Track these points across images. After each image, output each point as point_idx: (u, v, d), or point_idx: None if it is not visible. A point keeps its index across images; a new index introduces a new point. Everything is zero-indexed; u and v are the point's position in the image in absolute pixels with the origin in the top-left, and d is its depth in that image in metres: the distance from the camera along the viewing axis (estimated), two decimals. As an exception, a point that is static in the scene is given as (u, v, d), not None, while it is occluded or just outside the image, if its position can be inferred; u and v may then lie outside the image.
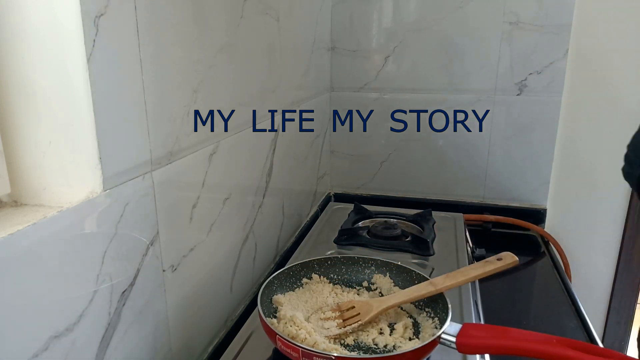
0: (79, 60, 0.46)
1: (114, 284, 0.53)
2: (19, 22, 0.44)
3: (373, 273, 0.83)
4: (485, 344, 0.62)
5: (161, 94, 0.59)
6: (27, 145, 0.48)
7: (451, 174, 1.37)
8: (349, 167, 1.45)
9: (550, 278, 1.07)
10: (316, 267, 0.83)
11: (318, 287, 0.80)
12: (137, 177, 0.56)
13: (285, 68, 1.00)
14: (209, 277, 0.75)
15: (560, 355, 0.55)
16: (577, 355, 0.54)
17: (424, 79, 1.32)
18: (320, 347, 0.64)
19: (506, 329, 0.62)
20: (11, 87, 0.46)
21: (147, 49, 0.55)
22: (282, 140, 1.01)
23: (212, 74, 0.70)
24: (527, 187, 1.33)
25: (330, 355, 0.60)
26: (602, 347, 0.57)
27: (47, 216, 0.44)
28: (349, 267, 0.84)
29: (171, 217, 0.63)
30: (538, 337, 0.59)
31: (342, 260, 0.84)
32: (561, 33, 1.20)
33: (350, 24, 1.33)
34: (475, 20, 1.24)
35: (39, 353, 0.43)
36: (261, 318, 0.66)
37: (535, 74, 1.24)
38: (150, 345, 0.61)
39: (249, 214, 0.88)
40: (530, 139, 1.29)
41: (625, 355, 0.55)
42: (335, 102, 1.40)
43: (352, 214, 1.18)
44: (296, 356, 0.61)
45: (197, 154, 0.69)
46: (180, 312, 0.68)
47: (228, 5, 0.74)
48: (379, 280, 0.82)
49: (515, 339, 0.59)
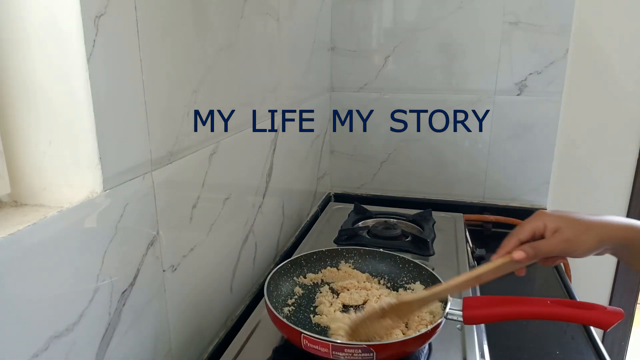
0: (79, 60, 0.46)
1: (114, 283, 0.53)
2: (19, 22, 0.44)
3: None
4: (488, 313, 0.66)
5: (161, 94, 0.59)
6: (27, 145, 0.48)
7: (451, 174, 1.37)
8: (349, 167, 1.45)
9: (550, 278, 1.07)
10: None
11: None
12: (137, 177, 0.56)
13: (285, 68, 1.00)
14: (209, 277, 0.75)
15: (557, 313, 0.62)
16: (570, 312, 0.62)
17: (424, 79, 1.32)
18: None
19: (504, 298, 0.66)
20: (11, 87, 0.46)
21: (147, 49, 0.55)
22: (282, 140, 1.01)
23: (212, 74, 0.70)
24: (527, 187, 1.33)
25: (360, 344, 0.61)
26: (591, 303, 0.63)
27: (47, 216, 0.44)
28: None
29: (171, 217, 0.63)
30: (534, 300, 0.65)
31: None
32: (561, 33, 1.20)
33: (350, 24, 1.33)
34: (475, 20, 1.24)
35: (39, 353, 0.43)
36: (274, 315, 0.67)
37: (535, 74, 1.24)
38: (150, 345, 0.61)
39: (249, 214, 0.88)
40: (530, 139, 1.29)
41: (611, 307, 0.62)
42: (335, 102, 1.40)
43: (352, 214, 1.18)
44: (325, 351, 0.62)
45: (197, 154, 0.69)
46: (180, 312, 0.68)
47: (228, 5, 0.74)
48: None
49: (514, 305, 0.65)
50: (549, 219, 0.62)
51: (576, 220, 0.61)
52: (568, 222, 0.61)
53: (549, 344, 0.82)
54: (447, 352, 0.70)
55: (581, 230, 0.60)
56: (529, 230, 0.63)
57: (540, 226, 0.62)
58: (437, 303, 0.72)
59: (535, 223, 0.63)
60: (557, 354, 0.80)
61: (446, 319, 0.66)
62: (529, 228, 0.63)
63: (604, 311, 0.62)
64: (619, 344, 1.38)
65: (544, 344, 0.82)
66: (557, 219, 0.62)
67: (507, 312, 0.65)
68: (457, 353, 0.70)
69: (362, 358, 0.61)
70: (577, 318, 0.64)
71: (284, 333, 0.68)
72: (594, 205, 1.31)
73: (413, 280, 0.81)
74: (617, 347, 1.38)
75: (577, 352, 0.81)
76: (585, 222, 0.61)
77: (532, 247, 0.61)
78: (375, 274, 0.84)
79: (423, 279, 0.80)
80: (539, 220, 0.63)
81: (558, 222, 0.61)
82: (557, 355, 0.79)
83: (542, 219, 0.63)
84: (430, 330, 0.63)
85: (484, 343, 0.74)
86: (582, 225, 0.61)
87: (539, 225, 0.62)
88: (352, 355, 0.61)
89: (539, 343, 0.82)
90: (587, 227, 0.61)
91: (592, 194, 1.30)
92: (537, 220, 0.63)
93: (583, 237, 0.60)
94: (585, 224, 0.61)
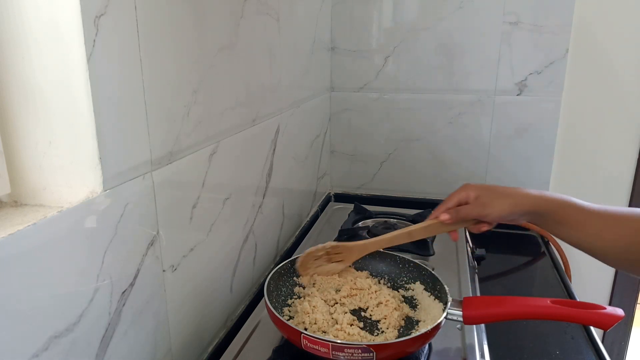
0: (79, 60, 0.46)
1: (114, 284, 0.53)
2: (19, 22, 0.44)
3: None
4: (488, 313, 0.67)
5: (161, 94, 0.59)
6: (27, 145, 0.48)
7: (451, 174, 1.37)
8: (349, 167, 1.45)
9: (550, 278, 1.07)
10: None
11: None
12: (137, 177, 0.56)
13: (285, 68, 1.00)
14: (209, 277, 0.75)
15: (557, 313, 0.64)
16: (570, 312, 0.64)
17: (424, 79, 1.32)
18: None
19: (504, 298, 0.68)
20: (11, 87, 0.46)
21: (147, 49, 0.55)
22: (282, 140, 1.01)
23: (212, 74, 0.70)
24: (527, 187, 1.31)
25: (360, 344, 0.61)
26: (591, 303, 0.65)
27: (47, 216, 0.44)
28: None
29: (171, 217, 0.63)
30: (534, 300, 0.66)
31: None
32: (561, 33, 1.20)
33: (350, 24, 1.33)
34: (475, 20, 1.24)
35: (39, 353, 0.43)
36: (275, 317, 0.67)
37: (535, 74, 1.24)
38: (150, 346, 0.61)
39: (249, 214, 0.88)
40: (530, 138, 1.29)
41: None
42: (335, 102, 1.40)
43: (352, 214, 1.18)
44: (325, 351, 0.62)
45: (197, 154, 0.69)
46: (180, 312, 0.68)
47: (228, 5, 0.74)
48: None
49: (514, 305, 0.66)
50: (472, 189, 0.73)
51: (494, 189, 0.72)
52: (486, 191, 0.72)
53: (549, 344, 0.82)
54: (447, 352, 0.70)
55: (495, 196, 0.71)
56: (455, 198, 0.74)
57: (464, 195, 0.73)
58: (438, 304, 0.72)
59: (461, 192, 0.74)
60: (557, 354, 0.80)
61: (446, 319, 0.66)
62: (455, 197, 0.74)
63: (604, 311, 0.63)
64: (619, 344, 1.38)
65: (544, 344, 0.82)
66: (478, 189, 0.72)
67: (507, 312, 0.66)
68: (457, 353, 0.70)
69: (362, 358, 0.61)
70: (577, 318, 0.64)
71: (284, 333, 0.68)
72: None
73: (413, 280, 0.81)
74: (617, 347, 1.38)
75: (577, 352, 0.81)
76: (501, 191, 0.72)
77: (456, 210, 0.73)
78: (375, 274, 0.84)
79: (423, 279, 0.80)
80: (464, 190, 0.74)
81: (478, 191, 0.72)
82: (557, 355, 0.79)
83: (466, 189, 0.73)
84: (430, 330, 0.63)
85: (484, 343, 0.74)
86: (498, 193, 0.71)
87: (463, 195, 0.73)
88: (352, 355, 0.61)
89: (539, 343, 0.82)
90: (501, 194, 0.71)
91: (592, 193, 1.30)
92: (462, 191, 0.74)
93: (496, 202, 0.70)
94: (501, 192, 0.71)
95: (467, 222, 0.75)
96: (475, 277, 0.97)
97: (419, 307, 0.76)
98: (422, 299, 0.77)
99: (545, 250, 1.22)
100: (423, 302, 0.76)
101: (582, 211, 0.68)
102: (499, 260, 1.13)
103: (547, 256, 1.19)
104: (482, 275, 1.02)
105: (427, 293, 0.77)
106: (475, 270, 1.00)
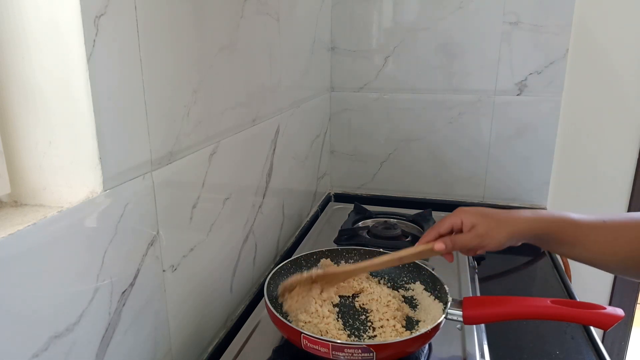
0: (79, 61, 0.46)
1: (114, 284, 0.53)
2: (19, 22, 0.44)
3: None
4: (488, 313, 0.67)
5: (161, 94, 0.59)
6: (27, 145, 0.48)
7: (451, 174, 1.37)
8: (349, 167, 1.45)
9: (550, 278, 1.07)
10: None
11: None
12: (137, 177, 0.56)
13: (285, 68, 1.00)
14: (209, 277, 0.75)
15: (557, 313, 0.64)
16: (570, 312, 0.64)
17: (424, 79, 1.32)
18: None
19: (504, 298, 0.68)
20: (11, 87, 0.46)
21: (147, 49, 0.55)
22: (282, 140, 1.01)
23: (212, 74, 0.70)
24: (527, 187, 1.33)
25: (361, 344, 0.61)
26: (591, 303, 0.65)
27: (47, 216, 0.44)
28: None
29: (171, 217, 0.63)
30: (534, 300, 0.66)
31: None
32: (561, 33, 1.20)
33: (350, 24, 1.33)
34: (475, 20, 1.24)
35: (39, 353, 0.43)
36: (275, 317, 0.67)
37: (535, 74, 1.24)
38: (150, 346, 0.61)
39: (249, 214, 0.88)
40: (530, 138, 1.29)
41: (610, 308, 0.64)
42: (335, 102, 1.40)
43: (352, 214, 1.18)
44: (325, 351, 0.62)
45: (197, 154, 0.69)
46: (180, 312, 0.68)
47: (228, 5, 0.74)
48: None
49: (514, 305, 0.66)
50: (466, 216, 0.69)
51: (489, 217, 0.69)
52: (482, 219, 0.68)
53: (549, 344, 0.82)
54: (447, 352, 0.70)
55: (492, 226, 0.67)
56: (448, 224, 0.70)
57: (458, 222, 0.69)
58: (438, 304, 0.72)
59: (454, 219, 0.70)
60: (557, 354, 0.80)
61: (446, 319, 0.67)
62: (448, 223, 0.70)
63: (604, 311, 0.63)
64: (619, 344, 1.38)
65: (544, 344, 0.82)
66: (473, 216, 0.69)
67: (507, 312, 0.66)
68: (457, 353, 0.70)
69: (362, 358, 0.61)
70: (577, 318, 0.64)
71: (284, 333, 0.68)
72: (593, 206, 1.31)
73: (413, 280, 0.81)
74: (617, 347, 1.38)
75: (577, 352, 0.81)
76: (497, 218, 0.68)
77: (451, 240, 0.69)
78: (375, 274, 0.84)
79: (423, 279, 0.80)
80: (458, 216, 0.70)
81: (473, 219, 0.68)
82: (557, 355, 0.79)
83: (460, 215, 0.69)
84: (430, 330, 0.63)
85: (484, 343, 0.74)
86: (494, 222, 0.68)
87: (457, 221, 0.69)
88: (352, 355, 0.61)
89: (539, 343, 0.82)
90: (498, 222, 0.68)
91: (592, 193, 1.30)
92: (456, 217, 0.70)
93: (493, 232, 0.67)
94: (497, 219, 0.68)
95: (462, 250, 0.72)
96: (475, 277, 0.97)
97: (419, 307, 0.76)
98: (422, 299, 0.77)
99: (545, 250, 1.22)
100: (423, 302, 0.76)
101: (579, 227, 0.67)
102: (499, 260, 1.13)
103: (547, 256, 1.19)
104: (482, 275, 1.02)
105: (427, 293, 0.77)
106: (475, 270, 1.00)
